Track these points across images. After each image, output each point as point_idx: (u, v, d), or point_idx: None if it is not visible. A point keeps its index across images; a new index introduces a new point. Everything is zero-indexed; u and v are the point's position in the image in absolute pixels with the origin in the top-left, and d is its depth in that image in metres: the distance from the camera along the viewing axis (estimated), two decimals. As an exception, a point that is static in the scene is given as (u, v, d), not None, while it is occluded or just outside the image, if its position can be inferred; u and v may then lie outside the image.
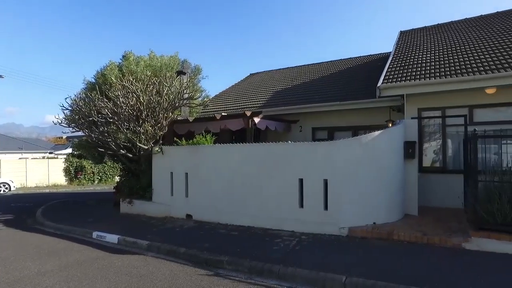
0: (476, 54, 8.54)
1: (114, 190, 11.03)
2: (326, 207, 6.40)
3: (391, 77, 8.42)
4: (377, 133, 6.49)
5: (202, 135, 8.72)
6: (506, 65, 7.33)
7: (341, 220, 6.24)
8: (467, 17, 12.70)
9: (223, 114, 10.53)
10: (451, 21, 12.96)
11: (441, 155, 8.27)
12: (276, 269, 4.78)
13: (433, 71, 8.15)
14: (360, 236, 6.02)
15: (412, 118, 7.85)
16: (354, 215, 6.28)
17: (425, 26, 13.45)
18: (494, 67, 7.40)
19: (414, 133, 7.14)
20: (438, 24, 13.21)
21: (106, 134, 9.15)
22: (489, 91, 7.46)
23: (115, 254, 6.01)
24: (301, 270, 4.65)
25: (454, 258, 4.88)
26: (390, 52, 11.48)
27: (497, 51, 8.29)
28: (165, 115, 9.01)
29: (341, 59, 16.57)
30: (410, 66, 8.87)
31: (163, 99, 8.85)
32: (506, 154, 6.59)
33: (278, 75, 17.32)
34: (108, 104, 8.86)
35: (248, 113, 9.63)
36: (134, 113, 8.93)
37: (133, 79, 9.20)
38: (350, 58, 16.42)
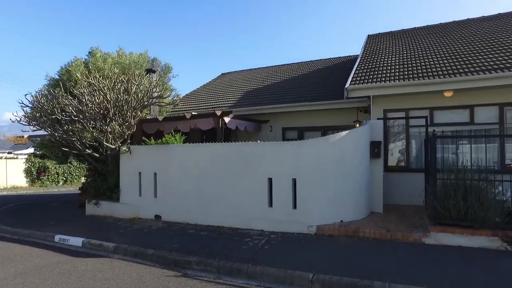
0: (435, 59, 9.00)
1: (79, 191, 10.62)
2: (295, 206, 6.50)
3: (358, 79, 8.69)
4: (344, 133, 6.67)
5: (172, 134, 8.60)
6: (462, 70, 7.78)
7: (309, 219, 6.36)
8: (428, 24, 13.35)
9: (193, 113, 10.44)
10: (414, 27, 13.57)
11: (405, 155, 8.63)
12: (244, 268, 4.80)
13: (397, 74, 8.49)
14: (328, 234, 6.16)
15: (378, 118, 8.14)
16: (322, 214, 6.42)
17: (391, 31, 13.98)
18: (451, 72, 7.83)
19: (380, 134, 7.41)
20: (403, 29, 13.78)
21: (70, 133, 8.80)
22: (447, 94, 7.88)
23: (78, 258, 5.79)
24: (270, 268, 4.70)
25: (414, 253, 5.11)
26: (358, 55, 11.84)
27: (454, 58, 8.78)
28: (134, 114, 8.80)
29: (311, 61, 16.87)
30: (376, 69, 9.20)
31: (132, 98, 8.64)
32: (462, 153, 7.02)
33: (249, 75, 17.38)
34: (73, 102, 8.53)
35: (219, 113, 9.61)
36: (101, 112, 8.65)
37: (100, 76, 8.91)
38: (320, 59, 16.77)
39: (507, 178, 5.48)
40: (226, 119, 9.82)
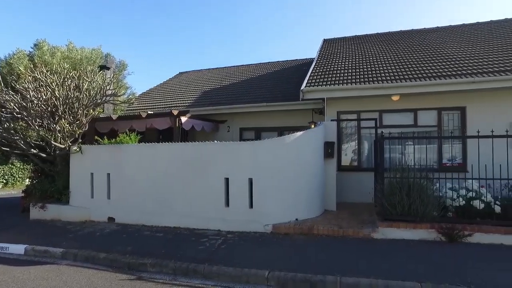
0: (385, 65, 9.59)
1: (23, 195, 9.86)
2: (251, 206, 6.59)
3: (313, 81, 9.00)
4: (299, 133, 6.88)
5: (126, 134, 8.32)
6: (407, 76, 8.37)
7: (265, 218, 6.48)
8: (378, 32, 14.16)
9: (149, 112, 10.18)
10: (366, 34, 14.30)
11: (357, 155, 9.08)
12: (201, 268, 4.79)
13: (350, 78, 8.92)
14: (284, 232, 6.32)
15: (331, 120, 8.49)
16: (278, 212, 6.57)
17: (345, 37, 14.61)
18: (398, 78, 8.39)
19: (333, 134, 7.74)
20: (356, 35, 14.46)
21: (12, 131, 8.18)
22: (394, 98, 8.43)
23: (20, 267, 5.37)
24: (226, 268, 4.73)
25: (364, 247, 5.41)
26: (314, 58, 12.24)
27: (401, 64, 9.43)
28: (86, 112, 8.37)
29: (269, 62, 17.14)
30: (330, 72, 9.59)
31: (83, 95, 8.21)
32: (407, 154, 7.54)
33: (208, 74, 17.27)
34: (15, 98, 7.93)
35: (175, 112, 9.46)
36: (49, 109, 8.13)
37: (47, 71, 8.37)
38: (277, 61, 17.07)
39: (443, 176, 6.01)
40: (183, 119, 9.68)
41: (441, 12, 70.96)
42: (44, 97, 7.90)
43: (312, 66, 10.44)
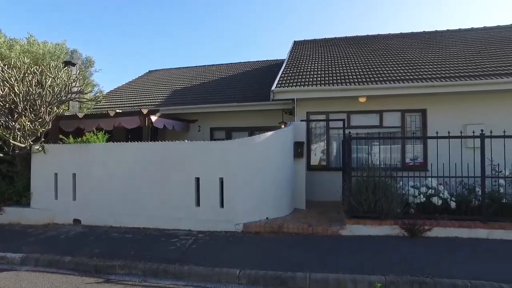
0: (353, 67, 9.93)
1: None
2: (222, 205, 6.59)
3: (283, 82, 9.15)
4: (269, 133, 6.97)
5: (93, 133, 8.04)
6: (373, 79, 8.73)
7: (236, 217, 6.51)
8: (347, 36, 14.62)
9: (117, 111, 9.89)
10: (335, 37, 14.71)
11: (326, 155, 9.33)
12: (171, 268, 4.75)
13: (319, 79, 9.16)
14: (254, 231, 6.38)
15: (301, 120, 8.66)
16: (249, 212, 6.62)
17: (315, 39, 14.93)
18: (365, 80, 8.72)
19: (303, 134, 7.91)
20: (325, 38, 14.83)
21: (-36, 130, 7.64)
22: (361, 100, 8.76)
23: (-28, 274, 5.02)
24: (197, 267, 4.73)
25: (332, 244, 5.59)
26: (284, 59, 12.42)
27: (367, 67, 9.81)
28: (49, 109, 7.97)
29: (240, 62, 17.17)
30: (301, 74, 9.78)
31: (47, 92, 7.80)
32: (374, 154, 7.86)
33: (178, 73, 17.04)
34: (-33, 94, 7.42)
35: (145, 111, 9.27)
36: (7, 106, 7.67)
37: (4, 65, 7.91)
38: (248, 62, 17.14)
39: (406, 175, 6.33)
40: (153, 118, 9.51)
41: (406, 19, 74.29)
42: (1, 92, 7.46)
43: (283, 67, 10.60)
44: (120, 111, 10.10)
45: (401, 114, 8.84)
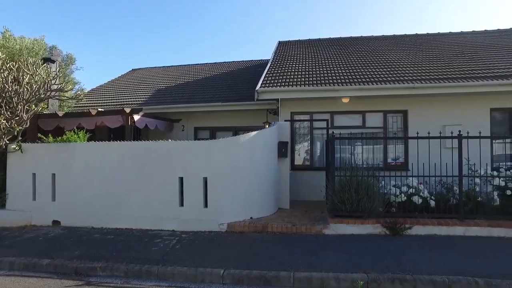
0: (336, 68, 10.06)
1: None
2: (206, 205, 6.55)
3: (268, 82, 9.17)
4: (253, 133, 6.98)
5: (74, 132, 7.84)
6: (356, 80, 8.87)
7: (220, 217, 6.49)
8: (330, 37, 14.79)
9: (99, 109, 9.69)
10: (319, 38, 14.86)
11: (309, 155, 9.41)
12: (155, 269, 4.69)
13: (303, 79, 9.23)
14: (238, 230, 6.37)
15: (285, 120, 8.70)
16: (233, 211, 6.61)
17: (299, 40, 15.05)
18: (348, 81, 8.84)
19: (287, 134, 7.95)
20: (310, 39, 14.96)
21: None
22: (345, 100, 8.88)
23: None
24: (181, 268, 4.68)
25: (316, 243, 5.64)
26: (269, 60, 12.47)
27: (351, 68, 9.96)
28: (27, 107, 7.71)
29: (225, 62, 17.13)
30: (285, 74, 9.84)
31: (24, 89, 7.54)
32: (356, 153, 7.97)
33: (162, 72, 16.85)
34: None
35: (128, 110, 9.12)
36: (-20, 103, 7.39)
37: (-23, 60, 7.61)
38: (233, 61, 17.13)
39: (388, 174, 6.45)
40: (136, 117, 9.36)
41: (388, 24, 75.79)
42: (-26, 89, 7.18)
43: (267, 67, 10.63)
44: (102, 109, 9.90)
45: (383, 115, 9.02)
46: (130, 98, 13.11)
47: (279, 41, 15.03)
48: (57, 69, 9.83)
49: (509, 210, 6.08)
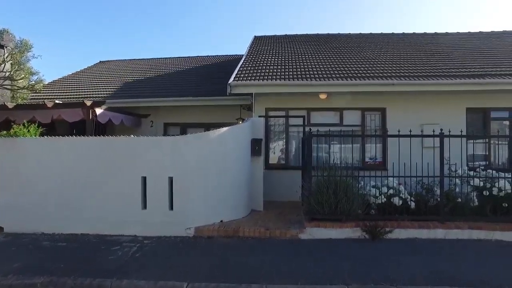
0: (314, 64, 9.67)
1: None
2: (171, 207, 5.95)
3: (242, 76, 8.65)
4: (224, 129, 6.44)
5: (24, 125, 6.98)
6: (334, 75, 8.50)
7: (187, 220, 5.90)
8: (307, 33, 14.47)
9: (56, 101, 8.82)
10: (296, 34, 14.48)
11: (284, 153, 8.97)
12: (107, 284, 4.06)
13: (279, 74, 8.76)
14: (207, 235, 5.82)
15: (259, 116, 8.21)
16: (201, 214, 6.04)
17: (276, 35, 14.61)
18: (326, 76, 8.47)
19: (261, 131, 7.46)
20: (286, 34, 14.55)
21: None
22: (322, 96, 8.49)
23: None
24: (138, 281, 4.08)
25: (291, 249, 5.18)
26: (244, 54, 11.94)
27: (329, 65, 9.60)
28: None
29: (198, 56, 16.46)
30: (260, 68, 9.35)
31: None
32: (333, 152, 7.59)
33: (132, 65, 15.94)
34: None
35: (88, 103, 8.32)
36: None
37: None
38: (207, 56, 16.48)
39: (366, 174, 6.10)
40: (98, 111, 8.56)
41: (369, 24, 77.09)
42: None
43: (242, 60, 10.11)
44: (60, 102, 9.04)
45: (361, 113, 8.73)
46: (96, 91, 12.20)
47: (255, 36, 14.53)
48: (9, 55, 8.86)
49: (486, 211, 5.92)
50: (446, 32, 13.33)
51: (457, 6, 74.85)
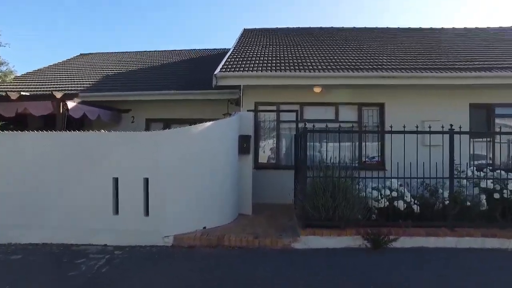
0: (307, 56, 8.99)
1: None
2: (147, 213, 5.21)
3: (229, 66, 7.92)
4: (209, 123, 5.72)
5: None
6: (329, 67, 7.84)
7: (165, 227, 5.17)
8: (300, 26, 13.82)
9: (22, 93, 7.96)
10: (287, 27, 13.81)
11: (275, 151, 8.29)
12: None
13: (269, 65, 8.07)
14: (188, 245, 5.10)
15: (248, 110, 7.52)
16: (181, 220, 5.32)
17: (266, 28, 13.92)
18: (320, 67, 7.81)
19: (250, 127, 6.77)
20: (278, 27, 13.87)
21: None
22: (316, 90, 7.82)
23: None
24: (98, 306, 3.35)
25: (284, 261, 4.51)
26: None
27: (324, 56, 8.95)
28: None
29: (184, 50, 15.66)
30: (249, 59, 8.64)
31: None
32: (329, 150, 6.92)
33: (115, 58, 15.02)
34: None
35: (59, 95, 7.49)
36: None
37: None
38: (194, 49, 15.70)
39: (364, 174, 5.45)
40: (70, 104, 7.73)
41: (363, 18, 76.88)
42: None
43: (230, 51, 9.38)
44: (27, 94, 8.17)
45: (358, 108, 8.11)
46: (72, 84, 11.28)
47: (244, 28, 13.81)
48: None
49: (496, 215, 5.36)
50: (453, 27, 12.82)
51: (457, 6, 75.36)
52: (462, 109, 7.95)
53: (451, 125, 5.36)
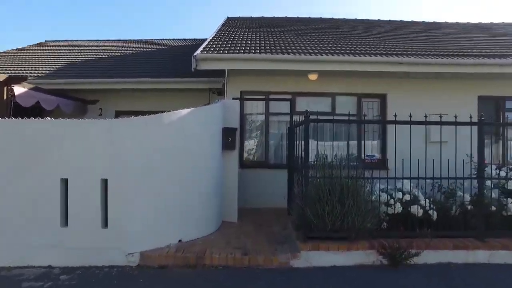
0: (300, 40, 8.00)
1: None
2: (105, 223, 4.06)
3: (212, 48, 6.82)
4: (186, 111, 4.63)
5: None
6: (327, 51, 6.86)
7: (129, 242, 4.04)
8: (287, 16, 12.89)
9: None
10: (274, 17, 12.83)
11: (264, 147, 7.28)
12: None
13: (258, 48, 7.02)
14: (158, 264, 3.98)
15: (233, 98, 6.45)
16: (150, 233, 4.19)
17: (251, 17, 12.90)
18: (317, 51, 6.83)
19: (236, 118, 5.72)
20: (263, 16, 12.87)
21: None
22: (312, 77, 6.85)
23: None
24: None
25: (280, 285, 3.49)
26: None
27: (318, 42, 7.97)
28: None
29: (162, 39, 14.41)
30: (234, 41, 7.56)
31: None
32: (326, 147, 5.94)
33: (82, 46, 13.58)
34: None
35: (2, 77, 6.18)
36: None
37: None
38: (174, 39, 14.47)
39: (368, 174, 4.52)
40: (18, 89, 6.43)
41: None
42: None
43: (213, 34, 8.28)
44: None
45: (357, 99, 7.21)
46: (31, 71, 9.88)
47: (227, 17, 12.72)
48: None
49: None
50: (457, 22, 12.11)
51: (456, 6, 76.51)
52: (470, 102, 7.20)
53: (482, 115, 4.50)
